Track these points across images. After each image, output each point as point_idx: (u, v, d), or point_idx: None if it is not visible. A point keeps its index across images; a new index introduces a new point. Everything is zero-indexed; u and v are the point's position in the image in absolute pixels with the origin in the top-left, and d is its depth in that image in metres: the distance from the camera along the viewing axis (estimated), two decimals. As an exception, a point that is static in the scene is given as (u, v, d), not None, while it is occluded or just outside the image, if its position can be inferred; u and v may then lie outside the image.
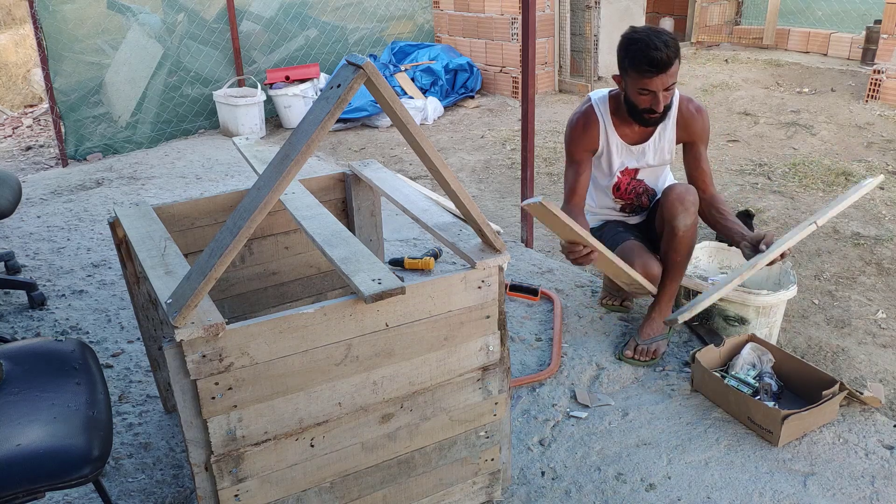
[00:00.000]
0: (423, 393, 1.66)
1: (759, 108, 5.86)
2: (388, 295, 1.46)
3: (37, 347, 1.77)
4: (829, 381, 2.21)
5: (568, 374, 2.49)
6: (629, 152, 2.52)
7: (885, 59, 5.99)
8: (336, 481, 1.65)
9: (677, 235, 2.39)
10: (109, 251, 3.58)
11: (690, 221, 2.38)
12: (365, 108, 5.70)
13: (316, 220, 1.80)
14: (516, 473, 2.05)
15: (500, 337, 1.71)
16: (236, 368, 1.42)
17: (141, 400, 2.41)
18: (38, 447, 1.45)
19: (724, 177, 4.48)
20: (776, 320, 2.63)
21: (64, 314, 2.98)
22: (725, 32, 8.35)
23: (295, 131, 1.42)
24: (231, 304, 2.31)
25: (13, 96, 7.51)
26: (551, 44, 6.56)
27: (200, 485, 1.49)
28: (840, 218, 3.78)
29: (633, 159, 2.53)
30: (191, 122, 5.82)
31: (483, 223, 1.61)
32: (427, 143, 1.46)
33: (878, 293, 3.07)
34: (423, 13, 7.04)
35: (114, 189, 4.55)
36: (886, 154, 4.80)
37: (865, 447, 2.10)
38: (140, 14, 5.49)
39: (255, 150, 2.33)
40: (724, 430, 2.20)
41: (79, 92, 5.25)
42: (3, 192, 2.89)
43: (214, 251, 1.36)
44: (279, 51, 6.17)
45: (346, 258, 1.59)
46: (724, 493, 1.96)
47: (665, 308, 2.54)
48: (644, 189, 2.61)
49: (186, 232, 2.13)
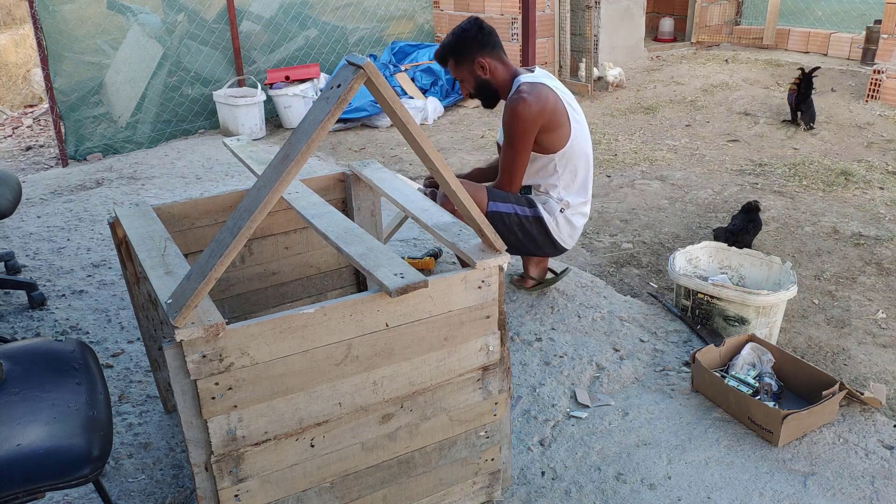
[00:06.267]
0: (423, 393, 1.66)
1: (760, 108, 5.86)
2: (412, 288, 1.46)
3: (37, 347, 1.77)
4: (829, 381, 2.21)
5: (568, 374, 2.49)
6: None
7: (885, 59, 5.99)
8: (336, 481, 1.65)
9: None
10: (109, 251, 3.58)
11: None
12: (365, 108, 5.70)
13: (325, 219, 1.80)
14: (516, 473, 2.05)
15: (500, 337, 1.71)
16: (236, 368, 1.42)
17: (141, 400, 2.41)
18: (38, 447, 1.45)
19: (724, 177, 4.48)
20: (776, 320, 2.63)
21: (64, 314, 2.97)
22: (725, 32, 8.35)
23: (295, 131, 1.42)
24: (231, 304, 2.31)
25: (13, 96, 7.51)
26: (551, 44, 6.56)
27: (200, 485, 1.49)
28: (840, 218, 3.78)
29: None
30: (191, 122, 5.82)
31: (483, 223, 1.61)
32: (427, 143, 1.46)
33: (878, 293, 3.07)
34: (423, 13, 7.04)
35: (114, 189, 4.55)
36: (886, 154, 4.80)
37: (865, 447, 2.10)
38: (140, 14, 5.49)
39: (250, 151, 2.32)
40: (724, 430, 2.20)
41: (79, 92, 5.25)
42: (3, 192, 2.89)
43: (214, 251, 1.36)
44: (279, 51, 6.17)
45: (363, 254, 1.59)
46: (724, 492, 1.96)
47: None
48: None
49: (186, 232, 2.13)
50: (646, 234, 3.68)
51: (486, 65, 2.63)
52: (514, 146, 2.59)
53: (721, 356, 2.44)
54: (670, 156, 4.90)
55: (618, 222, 3.85)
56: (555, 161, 2.66)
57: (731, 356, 2.45)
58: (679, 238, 3.62)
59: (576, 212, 2.75)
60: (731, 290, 2.57)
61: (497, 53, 2.65)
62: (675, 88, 6.57)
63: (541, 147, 2.63)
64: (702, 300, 2.68)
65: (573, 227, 2.76)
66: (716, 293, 2.60)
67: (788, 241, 3.55)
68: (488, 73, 2.64)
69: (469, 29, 2.61)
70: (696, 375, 2.37)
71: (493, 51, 2.64)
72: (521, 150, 2.60)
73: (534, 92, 2.54)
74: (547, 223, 2.71)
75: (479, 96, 2.74)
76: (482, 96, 2.73)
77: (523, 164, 2.64)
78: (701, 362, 2.35)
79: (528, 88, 2.56)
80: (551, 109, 2.56)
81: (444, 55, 2.67)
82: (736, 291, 2.56)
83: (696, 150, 5.03)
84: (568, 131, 2.62)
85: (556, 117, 2.58)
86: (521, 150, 2.60)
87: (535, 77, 2.62)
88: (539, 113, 2.53)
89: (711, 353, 2.42)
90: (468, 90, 2.72)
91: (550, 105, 2.56)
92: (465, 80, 2.69)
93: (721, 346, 2.44)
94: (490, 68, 2.64)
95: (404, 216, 3.02)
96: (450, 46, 2.64)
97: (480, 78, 2.66)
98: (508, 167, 2.65)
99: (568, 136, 2.62)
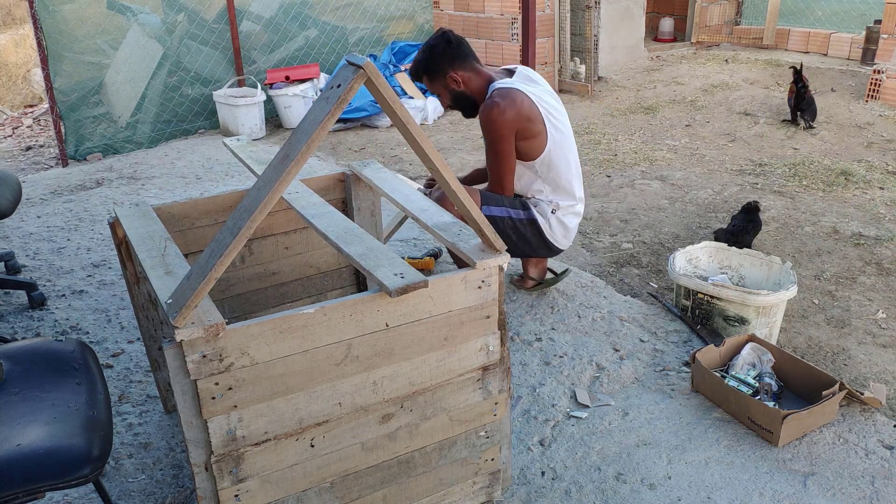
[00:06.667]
0: (423, 393, 1.66)
1: (760, 108, 5.86)
2: (412, 288, 1.46)
3: (37, 347, 1.77)
4: (829, 381, 2.21)
5: (568, 374, 2.49)
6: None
7: (885, 59, 5.99)
8: (336, 481, 1.65)
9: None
10: (109, 251, 3.58)
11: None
12: (365, 108, 5.70)
13: (325, 219, 1.80)
14: (516, 473, 2.05)
15: (500, 337, 1.71)
16: (236, 368, 1.42)
17: (141, 400, 2.41)
18: (38, 447, 1.45)
19: (724, 177, 4.48)
20: (776, 320, 2.63)
21: (64, 314, 2.97)
22: (725, 32, 8.35)
23: (295, 131, 1.42)
24: (231, 304, 2.31)
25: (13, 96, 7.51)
26: (551, 44, 6.56)
27: (200, 485, 1.49)
28: (840, 218, 3.78)
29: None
30: (191, 122, 5.82)
31: (483, 223, 1.61)
32: (427, 143, 1.46)
33: (878, 293, 3.07)
34: (423, 13, 7.04)
35: (114, 189, 4.55)
36: (886, 154, 4.80)
37: (865, 447, 2.10)
38: (140, 14, 5.49)
39: (249, 151, 2.32)
40: (724, 430, 2.20)
41: (79, 92, 5.25)
42: (3, 192, 2.89)
43: (214, 251, 1.36)
44: (279, 51, 6.17)
45: (363, 254, 1.59)
46: (724, 493, 1.96)
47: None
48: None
49: (186, 232, 2.13)
50: (646, 234, 3.68)
51: (459, 77, 2.64)
52: (496, 150, 2.60)
53: (721, 356, 2.44)
54: (670, 156, 4.90)
55: (618, 222, 3.85)
56: (535, 168, 2.67)
57: (731, 356, 2.45)
58: (679, 238, 3.62)
59: (567, 212, 2.75)
60: (731, 290, 2.57)
61: (469, 64, 2.66)
62: (675, 88, 6.57)
63: (519, 155, 2.64)
64: (702, 300, 2.68)
65: (566, 227, 2.76)
66: (716, 293, 2.60)
67: (788, 241, 3.55)
68: (462, 86, 2.66)
69: (437, 45, 2.62)
70: (696, 375, 2.37)
71: (465, 62, 2.64)
72: (503, 154, 2.60)
73: (507, 97, 2.55)
74: (541, 225, 2.71)
75: (457, 108, 2.76)
76: (460, 107, 2.75)
77: (510, 166, 2.64)
78: (701, 362, 2.35)
79: (499, 93, 2.57)
80: (525, 115, 2.56)
81: (418, 73, 2.69)
82: (736, 291, 2.56)
83: (696, 150, 5.03)
84: (544, 139, 2.62)
85: (531, 125, 2.58)
86: (504, 154, 2.60)
87: (510, 82, 2.62)
88: (514, 117, 2.54)
89: (711, 353, 2.42)
90: (446, 104, 2.76)
91: (525, 110, 2.56)
92: (441, 95, 2.72)
93: (721, 346, 2.44)
94: (464, 80, 2.65)
95: (404, 216, 3.02)
96: (422, 64, 2.66)
97: (455, 91, 2.67)
98: (496, 172, 2.66)
99: (545, 142, 2.62)
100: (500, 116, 2.53)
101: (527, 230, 2.71)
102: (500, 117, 2.53)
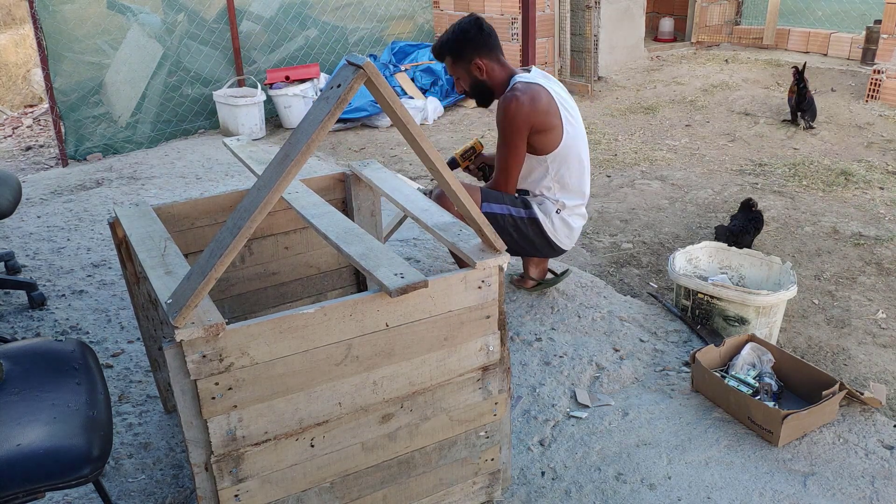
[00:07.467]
0: (423, 393, 1.66)
1: (760, 108, 5.86)
2: (412, 288, 1.46)
3: (37, 347, 1.77)
4: (829, 381, 2.21)
5: (568, 374, 2.49)
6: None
7: (885, 59, 5.99)
8: (336, 481, 1.65)
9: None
10: (109, 251, 3.58)
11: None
12: (365, 108, 5.70)
13: (325, 219, 1.80)
14: (516, 473, 2.05)
15: (500, 337, 1.71)
16: (236, 368, 1.42)
17: (141, 400, 2.41)
18: (38, 447, 1.45)
19: (724, 177, 4.48)
20: (776, 320, 2.63)
21: (64, 314, 2.97)
22: (725, 32, 8.35)
23: (295, 131, 1.42)
24: (231, 304, 2.31)
25: (13, 96, 7.51)
26: (551, 44, 6.56)
27: (200, 485, 1.49)
28: (840, 218, 3.78)
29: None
30: (191, 122, 5.82)
31: (483, 223, 1.61)
32: (427, 143, 1.46)
33: (878, 293, 3.07)
34: (423, 13, 7.04)
35: (114, 189, 4.55)
36: (886, 154, 4.80)
37: (865, 447, 2.10)
38: (140, 14, 5.49)
39: (249, 151, 2.32)
40: (724, 430, 2.20)
41: (79, 92, 5.25)
42: (3, 192, 2.89)
43: (214, 251, 1.36)
44: (279, 51, 6.17)
45: (363, 254, 1.59)
46: (724, 493, 1.96)
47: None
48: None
49: (186, 232, 2.13)
50: (646, 234, 3.68)
51: (484, 66, 2.63)
52: (508, 143, 2.60)
53: (721, 356, 2.44)
54: (670, 156, 4.90)
55: (618, 222, 3.85)
56: (547, 163, 2.66)
57: (731, 356, 2.45)
58: (679, 238, 3.62)
59: (572, 213, 2.75)
60: (731, 290, 2.57)
61: (495, 55, 2.65)
62: (675, 88, 6.57)
63: (533, 149, 2.63)
64: (702, 300, 2.68)
65: (570, 228, 2.76)
66: (716, 293, 2.60)
67: (788, 241, 3.55)
68: (485, 75, 2.65)
69: (469, 30, 2.61)
70: (696, 375, 2.37)
71: (492, 52, 2.64)
72: (514, 148, 2.60)
73: (527, 91, 2.54)
74: (542, 224, 2.71)
75: (473, 95, 2.76)
76: (477, 95, 2.76)
77: (518, 161, 2.63)
78: (701, 362, 2.35)
79: (522, 87, 2.56)
80: (544, 109, 2.56)
81: (442, 52, 2.67)
82: (736, 291, 2.56)
83: (696, 150, 5.03)
84: (560, 133, 2.61)
85: (549, 118, 2.58)
86: (515, 148, 2.60)
87: (530, 77, 2.62)
88: (531, 111, 2.53)
89: (711, 353, 2.42)
90: (463, 88, 2.76)
91: (543, 104, 2.56)
92: (462, 79, 2.72)
93: (721, 346, 2.44)
94: (487, 69, 2.64)
95: (404, 216, 3.02)
96: (448, 45, 2.64)
97: (477, 78, 2.67)
98: (503, 165, 2.65)
99: (560, 137, 2.62)
100: (519, 110, 2.53)
101: (528, 228, 2.71)
102: (519, 110, 2.53)
